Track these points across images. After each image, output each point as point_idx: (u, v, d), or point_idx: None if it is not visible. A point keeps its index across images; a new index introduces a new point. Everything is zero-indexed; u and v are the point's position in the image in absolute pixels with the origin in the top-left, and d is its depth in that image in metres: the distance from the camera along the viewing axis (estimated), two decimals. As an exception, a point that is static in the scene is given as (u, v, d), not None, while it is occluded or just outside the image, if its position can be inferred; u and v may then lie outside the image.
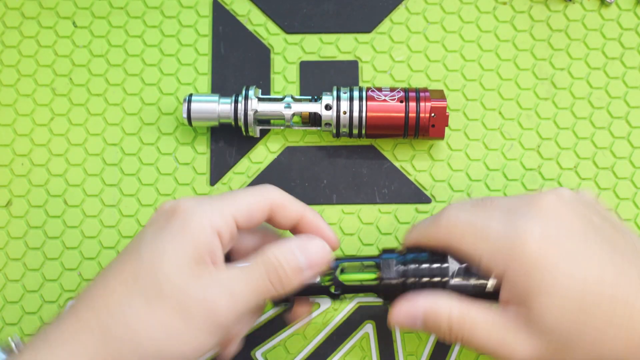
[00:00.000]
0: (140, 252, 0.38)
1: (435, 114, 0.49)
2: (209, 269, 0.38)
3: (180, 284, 0.37)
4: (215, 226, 0.38)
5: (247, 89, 0.50)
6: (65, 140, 0.52)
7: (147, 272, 0.37)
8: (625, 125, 0.52)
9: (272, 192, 0.41)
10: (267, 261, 0.39)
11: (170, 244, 0.37)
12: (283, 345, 0.49)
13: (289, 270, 0.39)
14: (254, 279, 0.38)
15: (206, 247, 0.38)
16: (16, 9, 0.54)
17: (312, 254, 0.40)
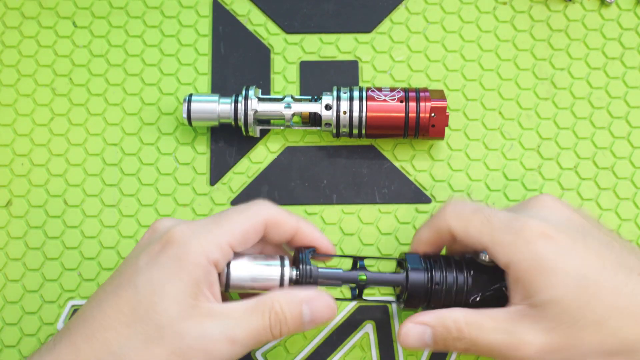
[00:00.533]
0: (137, 285, 0.37)
1: (435, 114, 0.49)
2: (208, 306, 0.37)
3: (179, 327, 0.36)
4: (212, 258, 0.38)
5: (247, 89, 0.50)
6: (65, 140, 0.52)
7: (145, 310, 0.37)
8: (625, 125, 0.52)
9: (266, 210, 0.41)
10: (271, 311, 0.38)
11: (168, 281, 0.37)
12: (283, 345, 0.49)
13: (292, 323, 0.39)
14: (255, 327, 0.38)
15: (204, 281, 0.38)
16: (16, 9, 0.54)
17: (318, 312, 0.40)
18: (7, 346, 0.49)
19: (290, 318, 0.39)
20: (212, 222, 0.39)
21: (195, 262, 0.38)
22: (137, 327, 0.36)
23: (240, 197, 0.51)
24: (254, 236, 0.40)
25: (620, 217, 0.51)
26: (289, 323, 0.39)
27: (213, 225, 0.39)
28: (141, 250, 0.39)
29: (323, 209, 0.51)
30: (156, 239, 0.39)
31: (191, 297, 0.37)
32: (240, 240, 0.39)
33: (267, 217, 0.40)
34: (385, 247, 0.50)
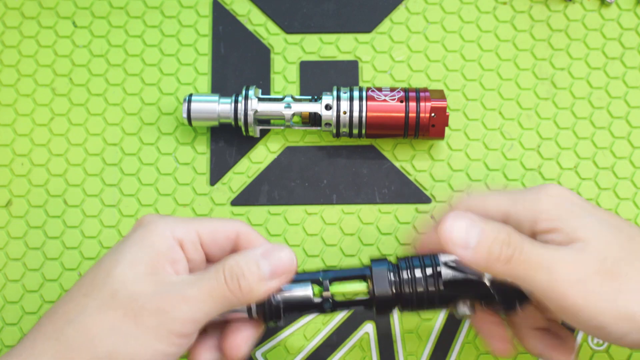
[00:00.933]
0: (101, 261, 0.38)
1: (435, 114, 0.49)
2: (167, 277, 0.37)
3: (133, 289, 0.37)
4: (177, 236, 0.38)
5: (247, 89, 0.50)
6: (65, 140, 0.52)
7: (103, 278, 0.37)
8: (626, 125, 0.52)
9: (241, 225, 0.41)
10: (227, 268, 0.38)
11: (128, 251, 0.38)
12: (283, 345, 0.49)
13: (251, 278, 0.37)
14: (210, 285, 0.37)
15: (166, 255, 0.38)
16: (16, 9, 0.54)
17: (277, 263, 0.38)
18: (7, 346, 0.49)
19: (248, 271, 0.37)
20: (186, 217, 0.41)
21: (158, 234, 0.38)
22: (94, 294, 0.37)
23: (240, 197, 0.51)
24: (224, 240, 0.40)
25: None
26: (247, 276, 0.37)
27: (185, 218, 0.40)
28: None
29: (323, 209, 0.51)
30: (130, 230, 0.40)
31: (150, 265, 0.37)
32: (209, 234, 0.40)
33: (239, 229, 0.40)
34: (385, 247, 0.50)
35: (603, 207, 0.51)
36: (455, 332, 0.49)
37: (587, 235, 0.37)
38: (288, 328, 0.49)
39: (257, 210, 0.51)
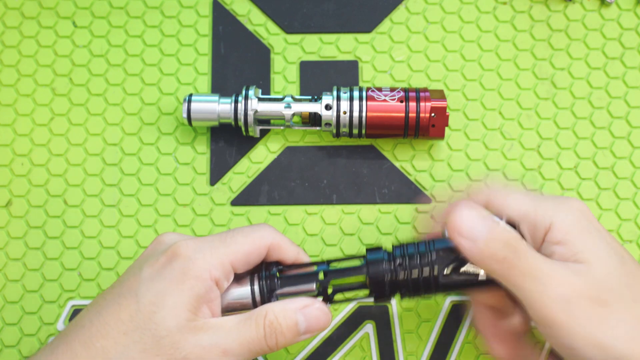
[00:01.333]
0: (139, 296, 0.38)
1: (435, 114, 0.49)
2: (206, 321, 0.38)
3: (176, 338, 0.37)
4: (214, 276, 0.38)
5: (247, 89, 0.50)
6: (65, 140, 0.52)
7: (144, 320, 0.37)
8: (626, 125, 0.52)
9: (271, 236, 0.41)
10: (265, 320, 0.39)
11: (169, 293, 0.37)
12: (283, 345, 0.49)
13: (289, 334, 0.39)
14: (250, 338, 0.38)
15: (205, 297, 0.38)
16: (16, 9, 0.54)
17: (314, 320, 0.40)
18: (7, 346, 0.49)
19: (286, 327, 0.39)
20: (219, 240, 0.40)
21: (197, 276, 0.38)
22: (135, 336, 0.37)
23: (240, 197, 0.51)
24: (257, 259, 0.41)
25: (620, 217, 0.51)
26: (285, 332, 0.39)
27: (219, 243, 0.40)
28: (144, 261, 0.39)
29: (323, 209, 0.51)
30: (161, 251, 0.39)
31: (190, 310, 0.37)
32: (244, 261, 0.40)
33: (271, 242, 0.41)
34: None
35: (603, 207, 0.51)
36: (455, 332, 0.49)
37: (591, 259, 0.38)
38: (288, 328, 0.49)
39: (257, 210, 0.51)
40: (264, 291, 0.41)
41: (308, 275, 0.42)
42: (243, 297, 0.41)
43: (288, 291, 0.41)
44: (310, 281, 0.41)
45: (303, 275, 0.42)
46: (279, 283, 0.41)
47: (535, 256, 0.38)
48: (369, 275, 0.41)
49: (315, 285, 0.41)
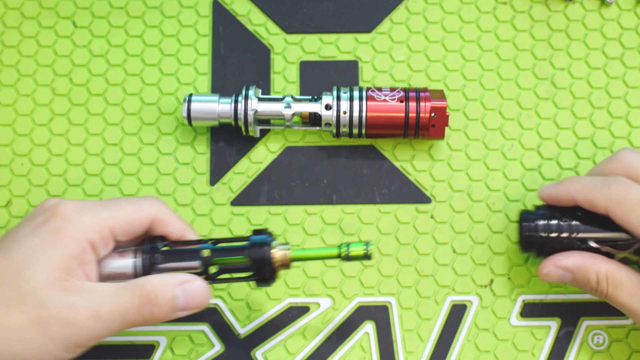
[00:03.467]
0: (11, 252, 0.37)
1: (435, 114, 0.49)
2: (78, 283, 0.37)
3: (44, 296, 0.36)
4: (90, 238, 0.38)
5: (247, 88, 0.50)
6: (65, 140, 0.52)
7: (13, 276, 0.37)
8: (626, 125, 0.52)
9: (156, 208, 0.41)
10: (143, 292, 0.38)
11: (41, 250, 0.37)
12: (283, 345, 0.49)
13: (164, 306, 0.39)
14: (124, 305, 0.38)
15: (78, 259, 0.38)
16: (16, 9, 0.54)
17: (192, 297, 0.40)
18: (7, 346, 0.49)
19: (162, 300, 0.39)
20: (100, 204, 0.40)
21: (72, 236, 0.38)
22: (2, 291, 0.36)
23: (240, 197, 0.51)
24: (138, 229, 0.41)
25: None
26: (161, 305, 0.39)
27: (100, 207, 0.40)
28: (25, 222, 0.39)
29: (323, 209, 0.51)
30: (40, 212, 0.39)
31: (62, 270, 0.37)
32: (124, 229, 0.40)
33: (155, 215, 0.41)
34: (385, 247, 0.50)
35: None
36: (456, 332, 0.49)
37: None
38: (288, 328, 0.49)
39: (257, 210, 0.51)
40: (146, 264, 0.41)
41: (192, 252, 0.42)
42: (123, 267, 0.41)
43: (170, 266, 0.41)
44: (194, 258, 0.42)
45: (187, 252, 0.42)
46: (162, 258, 0.41)
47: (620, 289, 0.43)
48: (250, 256, 0.42)
49: (198, 263, 0.42)
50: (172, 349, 0.49)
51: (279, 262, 0.42)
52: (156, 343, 0.49)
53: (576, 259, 0.44)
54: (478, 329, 0.49)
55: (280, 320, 0.49)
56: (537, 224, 0.45)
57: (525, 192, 0.51)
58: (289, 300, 0.50)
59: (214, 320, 0.49)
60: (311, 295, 0.50)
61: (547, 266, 0.44)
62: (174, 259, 0.42)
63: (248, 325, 0.49)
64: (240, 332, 0.49)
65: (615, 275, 0.43)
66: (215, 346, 0.49)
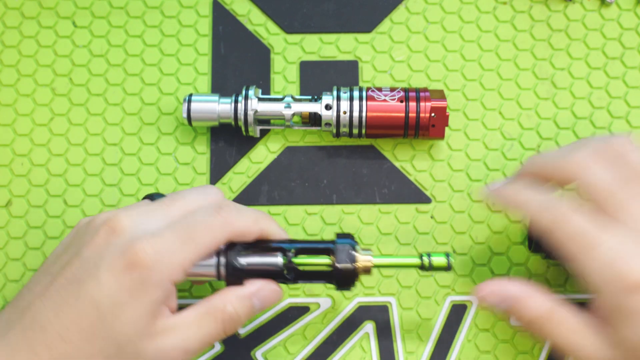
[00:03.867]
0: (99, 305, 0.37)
1: (435, 114, 0.49)
2: (165, 322, 0.38)
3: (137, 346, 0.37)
4: (174, 280, 0.38)
5: (247, 88, 0.50)
6: (65, 140, 0.52)
7: (107, 329, 0.37)
8: (626, 125, 0.52)
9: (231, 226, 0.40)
10: (226, 316, 0.39)
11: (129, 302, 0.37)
12: (283, 345, 0.49)
13: (245, 319, 0.40)
14: (210, 333, 0.39)
15: (164, 300, 0.38)
16: (16, 9, 0.54)
17: (267, 301, 0.41)
18: (7, 346, 0.49)
19: (244, 315, 0.40)
20: (179, 238, 0.38)
21: (159, 285, 0.38)
22: (98, 344, 0.37)
23: (240, 197, 0.51)
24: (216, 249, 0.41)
25: (621, 217, 0.51)
26: (243, 319, 0.40)
27: (180, 244, 0.38)
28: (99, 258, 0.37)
29: (323, 209, 0.51)
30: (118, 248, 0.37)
31: (150, 316, 0.37)
32: (204, 256, 0.40)
33: (232, 233, 0.40)
34: (385, 247, 0.50)
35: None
36: (456, 332, 0.49)
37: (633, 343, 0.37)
38: (288, 328, 0.49)
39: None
40: (230, 267, 0.41)
41: (274, 252, 0.42)
42: (207, 268, 0.41)
43: (253, 268, 0.41)
44: (276, 259, 0.42)
45: (268, 252, 0.42)
46: (245, 259, 0.41)
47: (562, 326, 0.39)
48: (335, 259, 0.42)
49: (280, 264, 0.42)
50: (172, 349, 0.49)
51: (362, 267, 0.42)
52: (156, 343, 0.49)
53: (520, 289, 0.41)
54: (478, 329, 0.49)
55: (280, 320, 0.49)
56: None
57: (525, 192, 0.51)
58: (289, 300, 0.50)
59: (214, 320, 0.49)
60: (311, 295, 0.50)
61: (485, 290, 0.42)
62: (257, 260, 0.42)
63: (248, 325, 0.49)
64: (240, 332, 0.49)
65: (559, 313, 0.40)
66: (215, 346, 0.49)
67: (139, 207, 0.40)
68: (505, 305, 0.41)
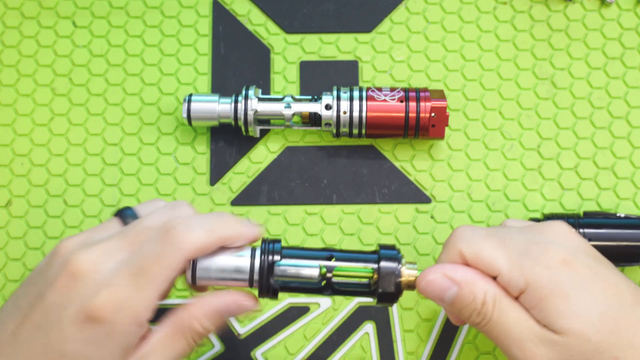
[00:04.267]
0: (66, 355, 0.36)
1: (435, 114, 0.49)
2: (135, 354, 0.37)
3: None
4: (142, 321, 0.37)
5: (247, 88, 0.50)
6: (65, 140, 0.52)
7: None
8: (626, 125, 0.52)
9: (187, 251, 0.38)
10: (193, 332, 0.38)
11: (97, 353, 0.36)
12: (283, 345, 0.49)
13: (215, 329, 0.39)
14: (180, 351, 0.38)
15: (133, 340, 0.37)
16: (16, 9, 0.54)
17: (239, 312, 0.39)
18: (7, 346, 0.49)
19: (214, 329, 0.38)
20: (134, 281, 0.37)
21: (124, 333, 0.36)
22: None
23: (240, 197, 0.51)
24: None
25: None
26: (209, 328, 0.38)
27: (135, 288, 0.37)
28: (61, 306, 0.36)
29: (323, 209, 0.51)
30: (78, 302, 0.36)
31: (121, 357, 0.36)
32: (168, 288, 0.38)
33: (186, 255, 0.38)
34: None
35: (603, 207, 0.51)
36: (455, 332, 0.49)
37: (566, 328, 0.36)
38: (288, 328, 0.49)
39: (257, 210, 0.51)
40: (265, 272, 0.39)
41: (312, 260, 0.39)
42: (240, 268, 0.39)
43: (289, 273, 0.39)
44: (313, 267, 0.39)
45: (308, 257, 0.39)
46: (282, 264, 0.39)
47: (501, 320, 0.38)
48: (380, 271, 0.39)
49: (318, 272, 0.39)
50: (172, 349, 0.49)
51: (406, 282, 0.39)
52: (156, 343, 0.49)
53: (466, 272, 0.39)
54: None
55: (280, 320, 0.49)
56: None
57: (525, 192, 0.51)
58: (289, 300, 0.50)
59: (214, 320, 0.49)
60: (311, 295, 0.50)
61: (434, 273, 0.39)
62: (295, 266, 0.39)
63: (248, 325, 0.49)
64: (240, 332, 0.49)
65: (504, 299, 0.38)
66: (215, 346, 0.49)
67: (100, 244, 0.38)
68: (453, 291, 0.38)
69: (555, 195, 0.51)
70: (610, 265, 0.40)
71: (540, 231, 0.40)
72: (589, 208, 0.51)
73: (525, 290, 0.37)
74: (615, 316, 0.37)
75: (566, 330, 0.36)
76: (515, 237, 0.39)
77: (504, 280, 0.38)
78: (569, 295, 0.37)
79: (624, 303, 0.37)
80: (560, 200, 0.51)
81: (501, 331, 0.38)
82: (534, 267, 0.37)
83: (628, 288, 0.38)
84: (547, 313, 0.37)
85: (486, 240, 0.39)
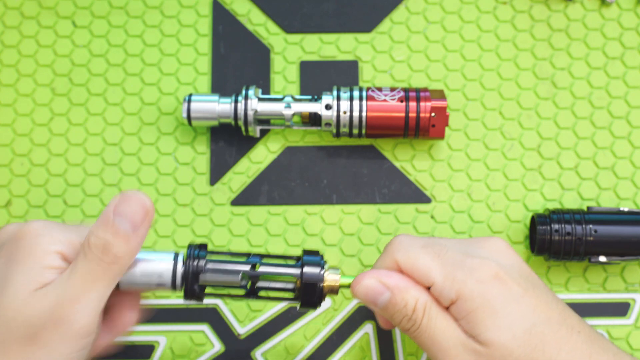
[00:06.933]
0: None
1: (435, 114, 0.49)
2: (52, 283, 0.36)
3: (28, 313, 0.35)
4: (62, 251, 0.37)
5: (247, 88, 0.50)
6: (65, 140, 0.52)
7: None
8: (626, 125, 0.52)
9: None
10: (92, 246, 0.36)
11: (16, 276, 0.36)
12: (283, 345, 0.49)
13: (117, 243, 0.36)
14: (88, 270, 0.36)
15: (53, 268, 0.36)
16: (16, 9, 0.54)
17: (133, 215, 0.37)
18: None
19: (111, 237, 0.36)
20: (71, 224, 0.38)
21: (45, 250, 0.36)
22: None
23: (240, 197, 0.51)
24: None
25: (621, 217, 0.51)
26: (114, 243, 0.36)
27: (70, 226, 0.38)
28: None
29: (323, 209, 0.51)
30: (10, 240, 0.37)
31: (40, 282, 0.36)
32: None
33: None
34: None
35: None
36: (456, 332, 0.49)
37: (492, 340, 0.37)
38: (288, 328, 0.49)
39: (257, 210, 0.51)
40: (191, 275, 0.39)
41: (237, 265, 0.40)
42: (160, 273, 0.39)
43: (212, 279, 0.39)
44: (237, 273, 0.40)
45: (232, 263, 0.40)
46: (206, 268, 0.39)
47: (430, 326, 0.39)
48: (302, 277, 0.40)
49: (241, 277, 0.40)
50: (172, 349, 0.49)
51: (329, 287, 0.40)
52: (156, 343, 0.49)
53: (400, 279, 0.39)
54: (478, 329, 0.49)
55: (280, 320, 0.49)
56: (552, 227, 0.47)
57: (525, 192, 0.51)
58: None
59: (214, 320, 0.49)
60: (311, 295, 0.50)
61: (368, 278, 0.40)
62: (218, 272, 0.40)
63: (248, 325, 0.49)
64: (240, 332, 0.49)
65: (434, 308, 0.39)
66: (215, 346, 0.49)
67: None
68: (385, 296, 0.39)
69: (556, 195, 0.51)
70: (542, 284, 0.41)
71: (478, 245, 0.41)
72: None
73: (456, 302, 0.39)
74: (540, 333, 0.38)
75: (490, 342, 0.38)
76: (452, 249, 0.40)
77: (437, 290, 0.39)
78: (496, 309, 0.38)
79: (551, 321, 0.38)
80: (560, 200, 0.51)
81: (429, 338, 0.39)
82: (467, 279, 0.39)
83: (557, 307, 0.39)
84: (474, 324, 0.38)
85: (423, 251, 0.40)
